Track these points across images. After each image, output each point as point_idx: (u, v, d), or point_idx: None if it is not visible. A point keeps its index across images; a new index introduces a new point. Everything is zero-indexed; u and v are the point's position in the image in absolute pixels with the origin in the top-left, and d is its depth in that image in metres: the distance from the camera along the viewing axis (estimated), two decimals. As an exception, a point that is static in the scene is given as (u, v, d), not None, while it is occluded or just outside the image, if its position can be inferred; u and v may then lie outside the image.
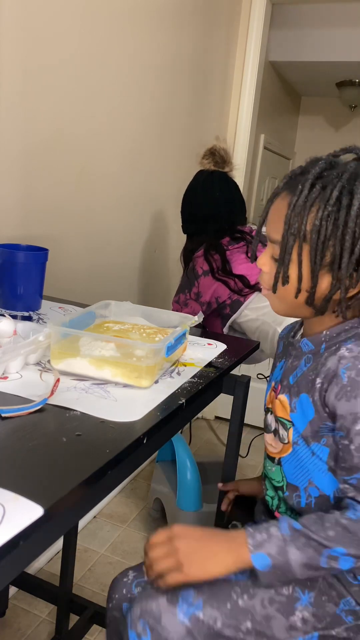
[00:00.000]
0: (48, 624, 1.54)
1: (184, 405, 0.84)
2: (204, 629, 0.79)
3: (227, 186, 1.73)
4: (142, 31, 1.78)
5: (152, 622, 0.80)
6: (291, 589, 0.82)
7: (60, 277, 1.55)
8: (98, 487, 0.64)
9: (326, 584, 0.82)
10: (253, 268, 1.62)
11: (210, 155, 1.73)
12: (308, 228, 0.78)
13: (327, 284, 0.80)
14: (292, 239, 0.79)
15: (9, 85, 1.28)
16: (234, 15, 2.49)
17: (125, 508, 2.08)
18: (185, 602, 0.80)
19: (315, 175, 0.78)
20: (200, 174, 1.75)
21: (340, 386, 0.79)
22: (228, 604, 0.80)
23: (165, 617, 0.79)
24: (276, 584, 0.81)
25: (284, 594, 0.81)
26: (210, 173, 1.72)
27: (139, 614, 0.81)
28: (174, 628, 0.79)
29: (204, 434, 2.78)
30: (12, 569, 0.56)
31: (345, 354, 0.80)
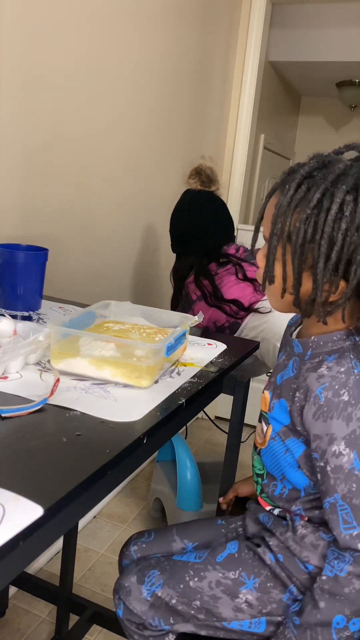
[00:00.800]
0: (48, 624, 1.54)
1: (184, 405, 0.84)
2: (162, 604, 0.90)
3: (213, 206, 1.72)
4: (142, 31, 1.78)
5: (123, 597, 0.92)
6: (237, 574, 0.88)
7: (60, 277, 1.55)
8: (98, 487, 0.64)
9: (273, 573, 0.87)
10: (244, 289, 1.63)
11: (197, 175, 1.73)
12: (291, 229, 0.77)
13: (309, 287, 0.79)
14: (275, 239, 0.79)
15: (10, 86, 1.28)
16: (234, 15, 2.49)
17: (125, 508, 2.08)
18: (149, 582, 0.92)
19: (304, 175, 0.77)
20: (186, 194, 1.75)
21: (317, 406, 0.78)
22: (182, 585, 0.90)
23: (133, 594, 0.92)
24: None
25: (230, 577, 0.88)
26: (196, 193, 1.72)
27: (116, 587, 0.95)
28: (139, 603, 0.91)
29: (204, 434, 2.78)
30: (12, 569, 0.56)
31: (324, 372, 0.80)
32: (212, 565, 0.90)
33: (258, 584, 0.87)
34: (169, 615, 0.90)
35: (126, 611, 0.93)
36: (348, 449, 0.76)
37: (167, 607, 0.90)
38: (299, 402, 0.81)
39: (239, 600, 0.87)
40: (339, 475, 0.76)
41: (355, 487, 0.75)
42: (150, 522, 2.01)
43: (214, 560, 0.91)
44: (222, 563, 0.90)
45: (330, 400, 0.77)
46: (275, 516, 0.92)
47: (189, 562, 0.92)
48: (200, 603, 0.88)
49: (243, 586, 0.87)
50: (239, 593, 0.87)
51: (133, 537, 1.07)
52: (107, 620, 1.47)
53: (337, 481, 0.76)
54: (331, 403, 0.77)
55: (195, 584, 0.89)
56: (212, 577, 0.89)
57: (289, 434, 0.85)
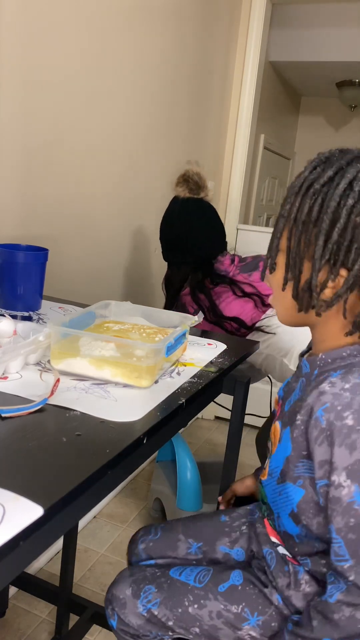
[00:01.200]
0: (48, 624, 1.54)
1: (184, 405, 0.84)
2: (159, 622, 0.87)
3: (203, 213, 1.66)
4: (142, 31, 1.78)
5: (118, 609, 0.90)
6: (240, 609, 0.84)
7: (60, 277, 1.55)
8: (98, 487, 0.64)
9: (279, 613, 0.83)
10: (244, 305, 1.57)
11: (184, 182, 1.66)
12: (298, 209, 0.72)
13: (309, 274, 0.73)
14: (282, 222, 0.74)
15: (10, 86, 1.28)
16: (234, 15, 2.49)
17: (125, 508, 2.08)
18: (145, 598, 0.89)
19: (322, 160, 0.72)
20: (174, 202, 1.68)
21: (319, 430, 0.71)
22: (180, 609, 0.86)
23: (129, 607, 0.89)
24: None
25: (232, 611, 0.84)
26: (185, 200, 1.65)
27: (110, 597, 0.93)
28: (134, 617, 0.89)
29: (204, 434, 2.78)
30: (12, 569, 0.56)
31: (326, 389, 0.71)
32: (213, 594, 0.86)
33: (262, 622, 0.83)
34: (167, 631, 0.88)
35: (120, 622, 0.90)
36: (349, 481, 0.69)
37: (164, 626, 0.87)
38: (303, 424, 0.75)
39: (241, 633, 0.84)
40: (336, 507, 0.70)
41: (353, 521, 0.70)
42: (150, 522, 2.01)
43: (215, 589, 0.86)
44: (224, 594, 0.86)
45: (333, 424, 0.70)
46: (279, 555, 0.86)
47: (188, 585, 0.88)
48: (199, 630, 0.85)
49: (246, 622, 0.84)
50: (242, 628, 0.84)
51: (140, 533, 1.05)
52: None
53: (334, 513, 0.71)
54: (334, 427, 0.70)
55: (195, 610, 0.85)
56: (213, 607, 0.85)
57: (289, 474, 0.78)
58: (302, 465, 0.76)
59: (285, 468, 0.79)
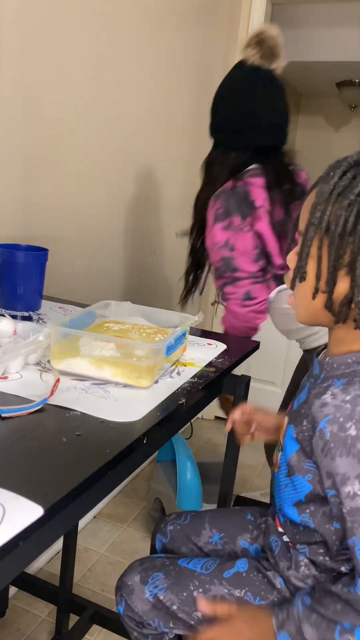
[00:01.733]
0: (48, 624, 1.54)
1: (184, 405, 0.84)
2: (163, 608, 0.89)
3: (273, 90, 1.33)
4: (142, 31, 1.78)
5: (126, 595, 0.92)
6: (243, 593, 0.85)
7: (60, 277, 1.55)
8: (98, 487, 0.64)
9: (280, 598, 0.84)
10: (251, 251, 1.33)
11: (257, 45, 1.32)
12: (330, 219, 0.70)
13: (346, 287, 0.71)
14: (312, 230, 0.72)
15: (10, 86, 1.28)
16: (234, 15, 2.49)
17: (125, 508, 2.08)
18: (152, 584, 0.91)
19: (350, 164, 0.71)
20: (239, 68, 1.35)
21: (324, 441, 0.72)
22: (185, 593, 0.88)
23: (136, 593, 0.91)
24: None
25: (235, 595, 0.86)
26: (253, 69, 1.32)
27: (119, 585, 0.94)
28: (140, 602, 0.91)
29: (204, 434, 2.78)
30: (12, 569, 0.56)
31: (328, 401, 0.72)
32: (218, 579, 0.88)
33: (264, 607, 0.84)
34: (169, 620, 0.90)
35: (127, 608, 0.93)
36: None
37: (167, 612, 0.89)
38: (308, 432, 0.76)
39: None
40: (356, 517, 0.70)
41: None
42: (150, 522, 2.01)
43: (220, 575, 0.88)
44: (228, 579, 0.88)
45: (337, 435, 0.70)
46: (283, 543, 0.87)
47: (195, 572, 0.90)
48: (201, 615, 0.87)
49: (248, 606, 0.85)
50: None
51: (172, 517, 1.08)
52: (107, 620, 1.47)
53: (355, 524, 0.70)
54: (338, 439, 0.70)
55: (199, 594, 0.87)
56: (217, 591, 0.87)
57: (298, 467, 0.79)
58: (310, 464, 0.77)
59: (294, 462, 0.80)
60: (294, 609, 0.77)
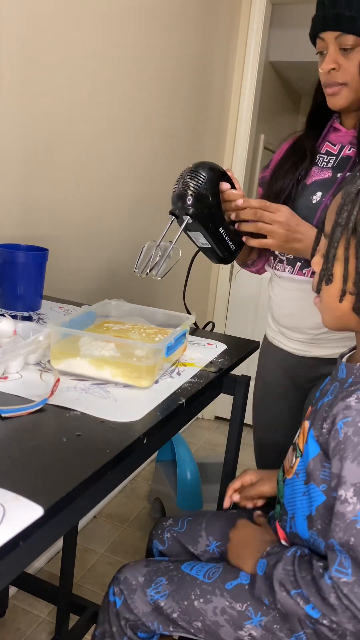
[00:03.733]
0: (48, 624, 1.54)
1: (184, 405, 0.84)
2: (163, 614, 0.89)
3: None
4: (142, 31, 1.78)
5: (126, 592, 0.92)
6: (244, 607, 0.85)
7: (60, 277, 1.55)
8: (98, 487, 0.64)
9: (282, 614, 0.84)
10: None
11: None
12: (358, 220, 0.70)
13: None
14: (339, 231, 0.71)
15: (10, 86, 1.28)
16: (234, 15, 2.49)
17: (125, 508, 2.08)
18: (154, 588, 0.90)
19: None
20: None
21: (336, 442, 0.72)
22: (186, 602, 0.88)
23: (138, 594, 0.91)
24: (263, 598, 0.82)
25: (237, 609, 0.85)
26: None
27: (122, 579, 0.93)
28: (141, 605, 0.90)
29: (204, 434, 2.78)
30: (12, 569, 0.56)
31: (352, 404, 0.72)
32: (220, 590, 0.87)
33: (264, 622, 0.84)
34: (169, 625, 0.89)
35: (125, 605, 0.92)
36: (355, 498, 0.69)
37: (167, 618, 0.89)
38: (327, 433, 0.75)
39: (242, 632, 0.84)
40: (339, 522, 0.71)
41: (353, 540, 0.69)
42: (150, 522, 2.01)
43: (223, 586, 0.87)
44: (230, 591, 0.87)
45: (350, 438, 0.70)
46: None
47: (197, 580, 0.89)
48: (201, 625, 0.86)
49: (248, 621, 0.84)
50: (244, 626, 0.84)
51: (168, 523, 1.08)
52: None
53: (337, 528, 0.71)
54: (350, 442, 0.70)
55: (200, 605, 0.87)
56: (218, 603, 0.86)
57: (314, 475, 0.79)
58: (328, 468, 0.77)
59: (312, 468, 0.79)
60: (286, 551, 0.80)
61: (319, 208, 1.13)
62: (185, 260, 1.57)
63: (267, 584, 0.80)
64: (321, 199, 1.14)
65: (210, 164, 1.04)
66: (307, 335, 1.20)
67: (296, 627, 0.83)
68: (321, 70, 1.11)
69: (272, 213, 1.02)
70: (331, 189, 1.13)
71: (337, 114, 1.22)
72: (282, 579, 0.78)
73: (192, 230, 1.07)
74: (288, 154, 1.26)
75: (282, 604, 0.78)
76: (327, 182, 1.16)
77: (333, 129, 1.22)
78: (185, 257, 1.56)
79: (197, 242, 1.11)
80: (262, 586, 0.81)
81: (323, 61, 1.13)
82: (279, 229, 1.02)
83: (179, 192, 1.01)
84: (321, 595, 0.73)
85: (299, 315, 1.20)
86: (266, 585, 0.80)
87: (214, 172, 1.02)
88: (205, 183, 1.00)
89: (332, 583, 0.72)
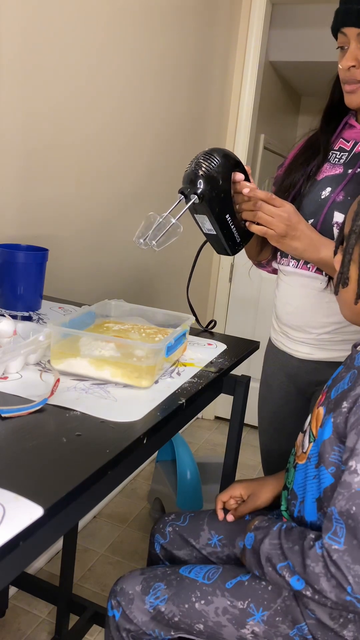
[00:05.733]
0: (48, 624, 1.54)
1: (184, 405, 0.84)
2: (164, 619, 0.89)
3: None
4: (142, 31, 1.78)
5: (124, 603, 0.91)
6: (246, 604, 0.86)
7: (60, 277, 1.55)
8: (98, 487, 0.64)
9: (284, 606, 0.84)
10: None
11: None
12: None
13: None
14: (354, 237, 0.74)
15: (9, 86, 1.28)
16: (234, 15, 2.49)
17: (125, 508, 2.08)
18: (153, 595, 0.90)
19: None
20: None
21: (357, 417, 0.75)
22: (186, 604, 0.88)
23: (136, 603, 0.90)
24: (253, 570, 0.85)
25: (238, 607, 0.86)
26: None
27: (118, 590, 0.93)
28: (140, 613, 0.90)
29: (204, 434, 2.78)
30: (12, 569, 0.56)
31: None
32: (220, 590, 0.87)
33: (267, 617, 0.84)
34: (170, 629, 0.89)
35: (123, 617, 0.91)
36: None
37: (168, 623, 0.89)
38: (347, 411, 0.78)
39: (245, 630, 0.85)
40: (344, 491, 0.73)
41: (354, 510, 0.72)
42: (150, 522, 2.01)
43: (223, 586, 0.88)
44: (231, 590, 0.87)
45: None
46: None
47: (196, 582, 0.90)
48: (203, 627, 0.87)
49: (251, 617, 0.85)
50: (246, 624, 0.85)
51: (170, 518, 1.09)
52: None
53: (340, 496, 0.73)
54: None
55: (201, 606, 0.87)
56: (220, 603, 0.86)
57: (324, 458, 0.81)
58: (337, 450, 0.79)
59: (322, 451, 0.82)
60: (272, 525, 0.83)
61: (327, 203, 1.13)
62: (187, 260, 1.57)
63: (255, 558, 0.83)
64: (330, 194, 1.14)
65: (226, 150, 1.04)
66: (311, 335, 1.20)
67: (298, 618, 0.83)
68: (341, 66, 1.10)
69: (276, 207, 1.03)
70: (341, 185, 1.13)
71: (354, 110, 1.21)
72: (269, 553, 0.80)
73: (199, 214, 1.07)
74: (302, 150, 1.26)
75: (270, 578, 0.81)
76: (337, 177, 1.16)
77: (348, 126, 1.22)
78: (187, 258, 1.56)
79: (203, 227, 1.10)
80: (250, 559, 0.84)
81: (343, 57, 1.11)
82: (278, 222, 1.03)
83: (190, 171, 1.02)
84: (306, 564, 0.75)
85: (302, 313, 1.20)
86: (254, 559, 0.83)
87: (228, 158, 1.03)
88: (217, 167, 1.01)
89: (323, 552, 0.73)
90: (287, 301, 1.24)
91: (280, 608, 0.84)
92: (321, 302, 1.15)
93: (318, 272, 1.14)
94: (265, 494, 1.01)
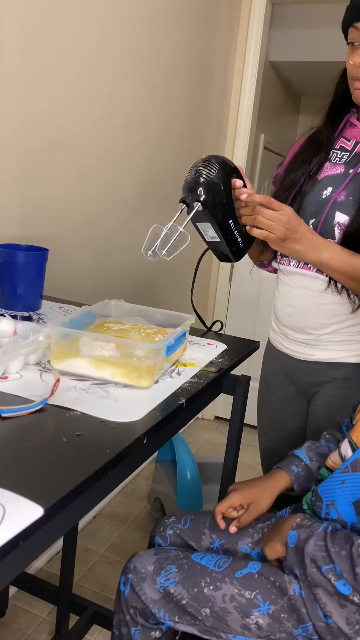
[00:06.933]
0: (48, 624, 1.54)
1: (184, 405, 0.84)
2: (172, 601, 0.91)
3: None
4: (142, 31, 1.78)
5: (135, 580, 0.94)
6: (253, 595, 0.87)
7: (60, 277, 1.55)
8: (98, 487, 0.64)
9: (290, 605, 0.85)
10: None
11: None
12: None
13: None
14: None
15: (10, 86, 1.28)
16: (234, 15, 2.49)
17: (125, 508, 2.08)
18: (164, 576, 0.92)
19: None
20: None
21: None
22: (196, 589, 0.89)
23: (147, 582, 0.93)
24: (294, 569, 0.85)
25: (245, 596, 0.87)
26: None
27: (131, 568, 0.96)
28: (150, 592, 0.92)
29: (204, 434, 2.78)
30: (12, 569, 0.56)
31: None
32: (230, 578, 0.89)
33: (272, 611, 0.85)
34: (176, 613, 0.91)
35: (132, 594, 0.93)
36: None
37: (176, 605, 0.90)
38: None
39: (249, 620, 0.86)
40: None
41: None
42: (150, 522, 2.01)
43: (232, 575, 0.90)
44: (240, 580, 0.89)
45: None
46: None
47: (207, 568, 0.91)
48: (209, 611, 0.88)
49: (256, 609, 0.86)
50: (251, 614, 0.86)
51: (171, 520, 1.09)
52: (107, 620, 1.47)
53: None
54: None
55: (210, 592, 0.88)
56: (228, 590, 0.88)
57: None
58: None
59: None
60: (317, 526, 0.83)
61: (328, 203, 1.12)
62: (187, 261, 1.57)
63: (297, 557, 0.83)
64: (331, 194, 1.13)
65: (223, 157, 1.05)
66: (310, 336, 1.20)
67: (304, 618, 0.84)
68: (351, 62, 1.09)
69: (275, 210, 1.03)
70: (342, 185, 1.13)
71: (356, 108, 1.21)
72: (314, 554, 0.80)
73: (202, 222, 1.07)
74: (304, 148, 1.25)
75: (312, 578, 0.81)
76: (338, 177, 1.16)
77: (350, 124, 1.21)
78: (187, 258, 1.56)
79: (206, 235, 1.10)
80: (293, 558, 0.84)
81: (353, 53, 1.10)
82: (278, 225, 1.03)
83: (191, 179, 1.01)
84: (356, 572, 0.75)
85: (302, 314, 1.20)
86: (297, 558, 0.83)
87: (226, 165, 1.03)
88: (217, 173, 1.01)
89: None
90: (288, 302, 1.24)
91: (286, 605, 0.85)
92: (322, 303, 1.15)
93: (319, 272, 1.14)
94: (266, 500, 1.01)
